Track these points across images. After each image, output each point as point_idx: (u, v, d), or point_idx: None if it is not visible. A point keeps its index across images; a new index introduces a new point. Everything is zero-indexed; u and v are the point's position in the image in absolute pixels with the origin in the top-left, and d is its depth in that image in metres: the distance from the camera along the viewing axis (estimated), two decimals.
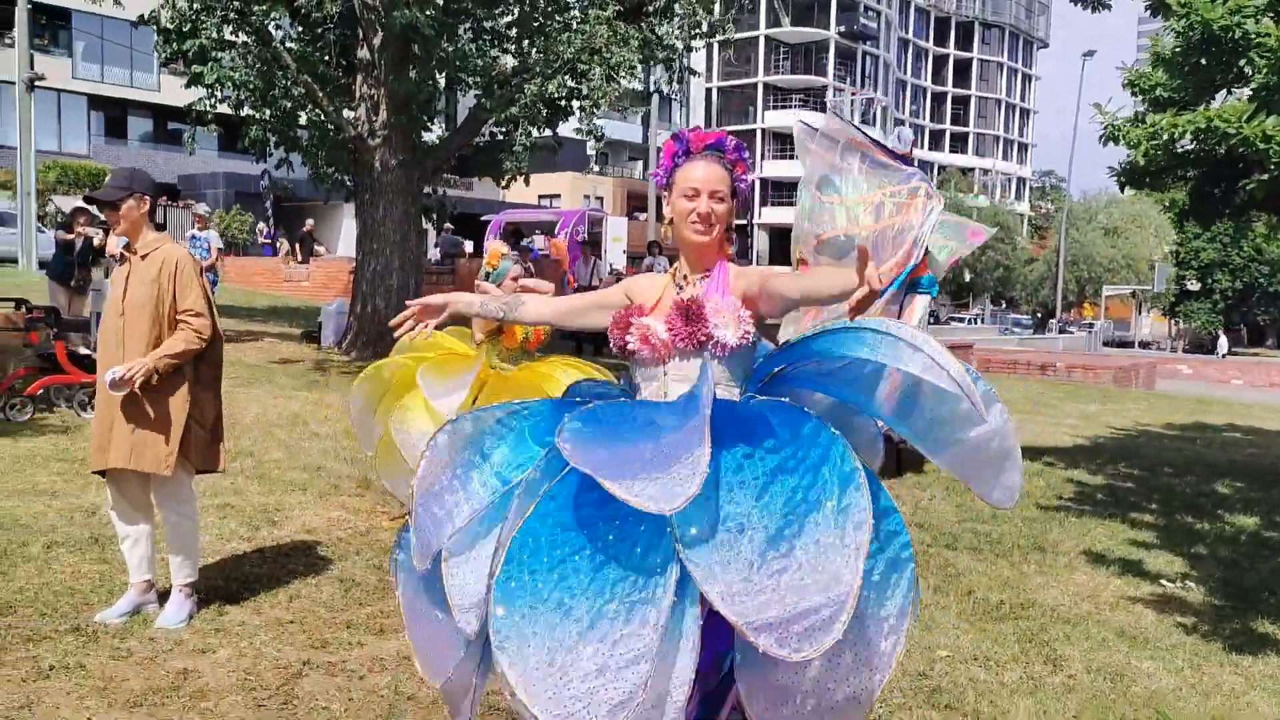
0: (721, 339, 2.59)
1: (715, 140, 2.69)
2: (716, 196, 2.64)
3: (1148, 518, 7.80)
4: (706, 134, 2.70)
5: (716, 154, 2.67)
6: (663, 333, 2.62)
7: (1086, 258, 55.83)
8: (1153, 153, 6.30)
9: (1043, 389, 17.65)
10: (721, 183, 2.65)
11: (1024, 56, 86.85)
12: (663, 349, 2.64)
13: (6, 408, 8.39)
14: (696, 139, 2.69)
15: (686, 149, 2.69)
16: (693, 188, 2.63)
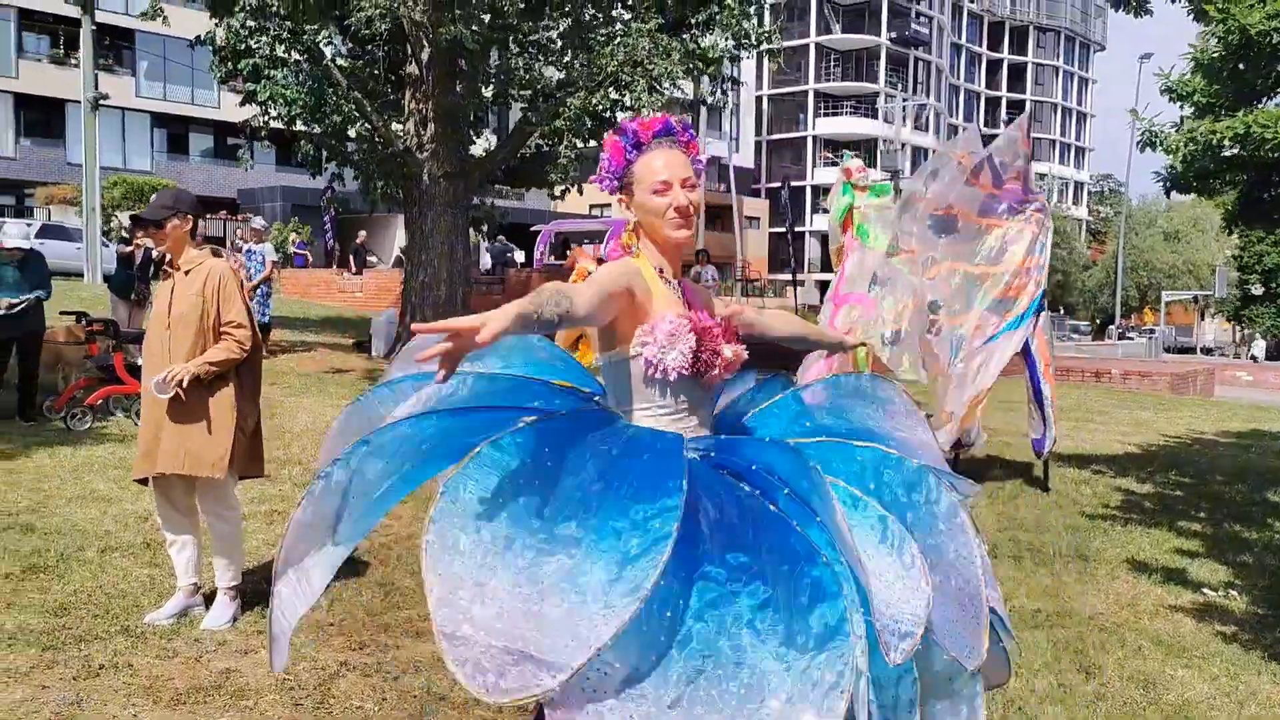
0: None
1: (662, 126, 2.43)
2: (689, 184, 2.38)
3: (1195, 526, 7.70)
4: (652, 121, 2.44)
5: (670, 139, 2.43)
6: (743, 354, 2.42)
7: (1146, 263, 54.93)
8: (1191, 158, 6.25)
9: (1096, 396, 17.41)
10: (688, 168, 2.40)
11: (1080, 60, 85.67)
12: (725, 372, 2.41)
13: (68, 417, 8.68)
14: (643, 129, 2.42)
15: (636, 142, 2.42)
16: (663, 180, 2.36)
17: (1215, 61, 6.44)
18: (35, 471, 7.21)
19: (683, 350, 2.28)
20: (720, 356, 2.34)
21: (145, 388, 4.46)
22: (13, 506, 6.27)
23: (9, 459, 7.54)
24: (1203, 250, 54.39)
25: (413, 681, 4.04)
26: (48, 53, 39.87)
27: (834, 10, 69.42)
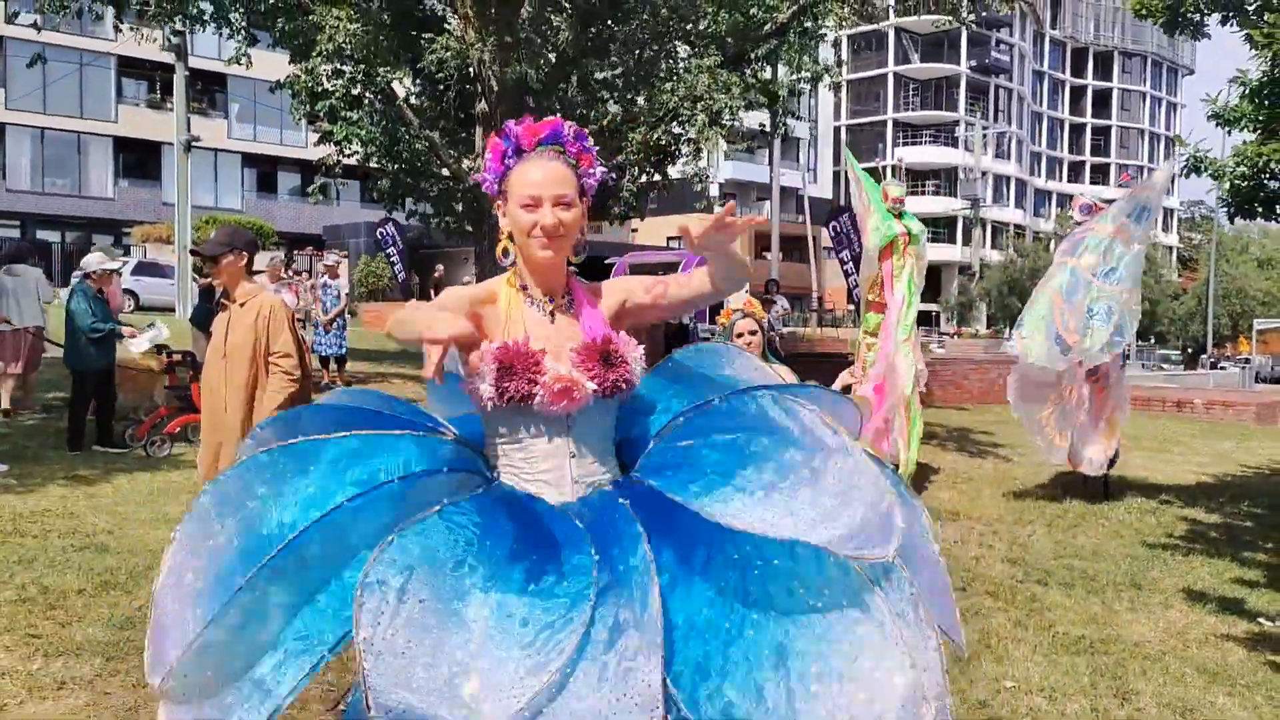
0: (635, 382, 2.23)
1: (550, 132, 2.21)
2: (563, 202, 2.17)
3: (1260, 556, 7.53)
4: (539, 125, 2.22)
5: (555, 149, 2.21)
6: (590, 385, 2.14)
7: (1239, 290, 53.30)
8: (1238, 183, 6.19)
9: (1176, 426, 16.99)
10: (566, 184, 2.18)
11: (1168, 85, 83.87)
12: (582, 401, 2.15)
13: (148, 445, 9.09)
14: (527, 133, 2.20)
15: (517, 147, 2.21)
16: (532, 195, 2.16)
17: (1261, 87, 6.39)
18: (114, 495, 7.59)
19: (488, 380, 2.11)
20: (536, 384, 2.10)
21: (206, 413, 4.73)
22: (91, 528, 6.62)
23: (91, 484, 7.93)
24: None
25: None
26: (145, 98, 41.70)
27: (912, 40, 69.15)
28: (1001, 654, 5.00)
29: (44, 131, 39.31)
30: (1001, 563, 6.86)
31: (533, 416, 2.16)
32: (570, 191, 2.19)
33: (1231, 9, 7.51)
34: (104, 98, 40.37)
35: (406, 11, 13.16)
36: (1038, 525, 8.17)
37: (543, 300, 2.26)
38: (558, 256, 2.21)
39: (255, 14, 13.21)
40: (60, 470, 8.34)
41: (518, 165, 2.21)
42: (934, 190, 68.54)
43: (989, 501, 9.01)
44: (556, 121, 2.25)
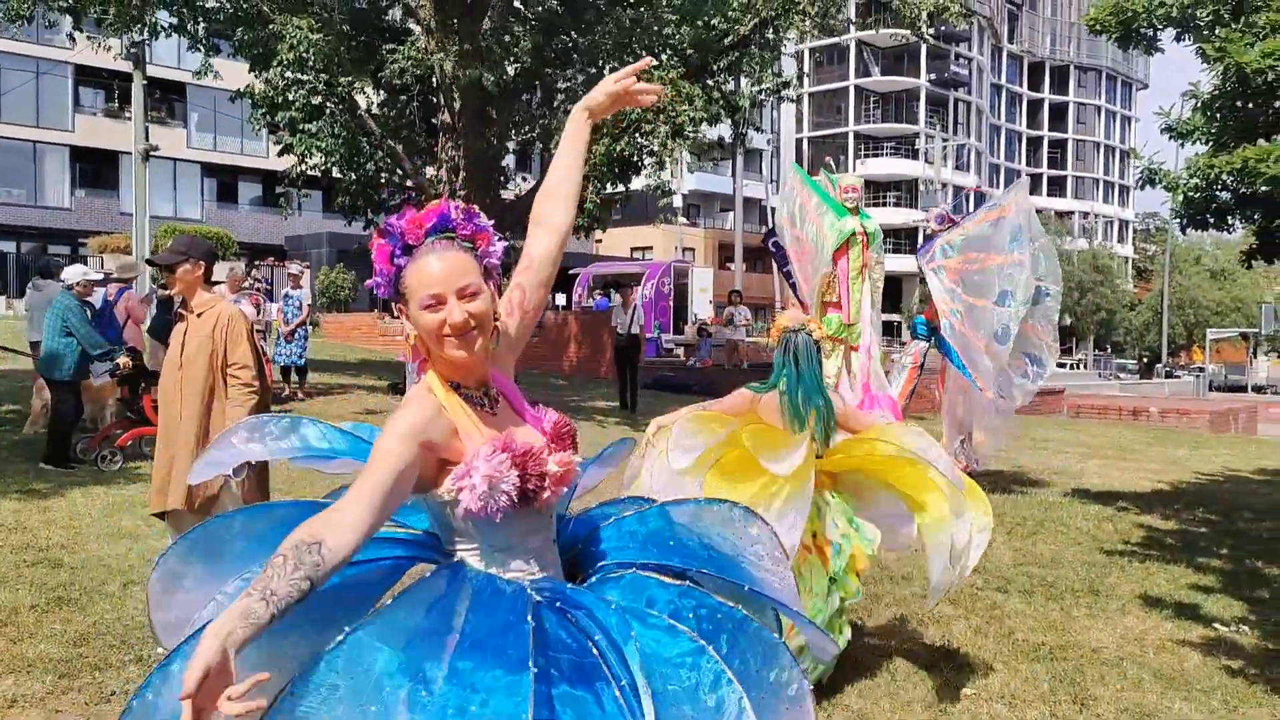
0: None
1: (438, 219, 2.01)
2: (468, 293, 1.98)
3: (1215, 562, 7.63)
4: (423, 215, 2.02)
5: (446, 236, 2.00)
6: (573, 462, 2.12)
7: (1192, 300, 54.20)
8: (1191, 196, 6.30)
9: (1132, 435, 17.24)
10: (468, 273, 1.99)
11: (1123, 98, 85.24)
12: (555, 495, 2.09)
13: (98, 458, 8.94)
14: (411, 226, 1.99)
15: (404, 244, 2.00)
16: (432, 294, 1.96)
17: (1213, 100, 6.51)
18: (68, 510, 7.46)
19: (507, 490, 1.96)
20: (547, 477, 2.02)
21: (161, 424, 4.67)
22: (45, 542, 6.51)
23: (45, 498, 7.80)
24: (1250, 287, 53.67)
25: None
26: (102, 107, 41.20)
27: (873, 53, 69.83)
28: (961, 661, 5.04)
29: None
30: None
31: (525, 515, 2.04)
32: (474, 279, 1.98)
33: (1183, 24, 7.66)
34: (60, 106, 39.84)
35: (368, 21, 13.11)
36: (997, 533, 8.20)
37: (478, 394, 2.08)
38: (477, 353, 2.01)
39: (215, 23, 13.09)
40: (14, 484, 8.19)
41: (410, 264, 1.99)
42: (895, 202, 69.12)
43: None
44: (441, 207, 2.03)
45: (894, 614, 5.77)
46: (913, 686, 4.63)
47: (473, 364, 2.04)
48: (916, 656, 5.05)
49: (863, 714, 4.26)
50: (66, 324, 8.70)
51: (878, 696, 4.47)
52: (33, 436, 9.89)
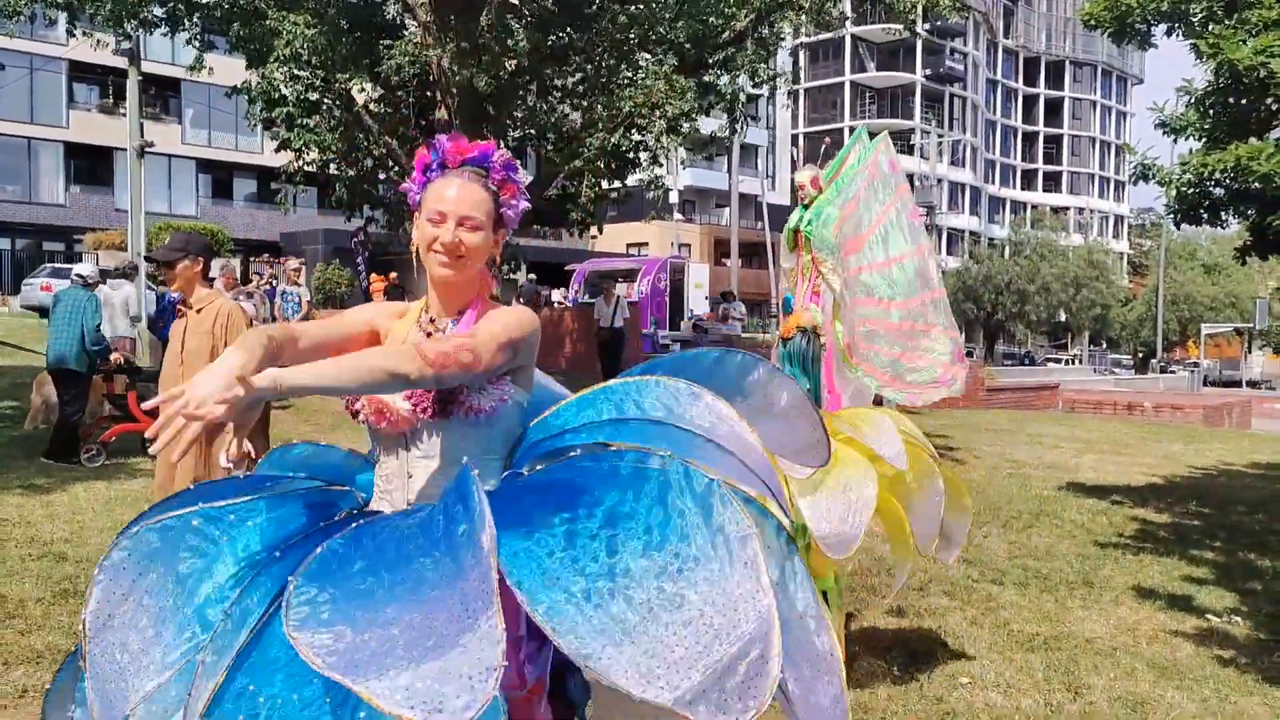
0: (473, 404, 2.12)
1: (478, 154, 2.17)
2: (469, 224, 2.12)
3: (1208, 554, 7.71)
4: (470, 145, 2.17)
5: (478, 172, 2.16)
6: (403, 405, 2.12)
7: (1186, 296, 54.31)
8: (1184, 191, 6.36)
9: (1127, 429, 17.31)
10: (478, 208, 2.13)
11: (1118, 94, 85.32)
12: (402, 423, 2.14)
13: (83, 455, 8.96)
14: (454, 151, 2.16)
15: (442, 162, 2.16)
16: (440, 210, 2.12)
17: (1206, 96, 6.57)
18: (71, 504, 7.50)
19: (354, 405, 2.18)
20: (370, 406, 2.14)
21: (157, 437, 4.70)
22: (49, 536, 6.55)
23: (48, 493, 7.84)
24: (1245, 283, 53.81)
25: None
26: (97, 102, 41.10)
27: (868, 49, 69.86)
28: (958, 651, 5.10)
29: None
30: (958, 562, 6.97)
31: (377, 434, 2.19)
32: (480, 216, 2.14)
33: (1177, 20, 7.71)
34: (55, 102, 39.74)
35: (365, 17, 13.10)
36: (993, 527, 8.31)
37: (444, 321, 2.23)
38: (456, 277, 2.16)
39: (211, 19, 13.09)
40: (16, 479, 8.23)
41: (438, 179, 2.16)
42: None
43: None
44: (489, 145, 2.19)
45: (890, 606, 5.83)
46: (909, 676, 4.69)
47: (449, 285, 2.19)
48: (913, 647, 5.11)
49: (860, 703, 4.32)
50: (82, 318, 8.74)
51: (874, 685, 4.53)
52: (33, 432, 9.92)
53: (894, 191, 6.36)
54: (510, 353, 2.11)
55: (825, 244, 6.32)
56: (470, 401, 2.11)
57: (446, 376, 1.97)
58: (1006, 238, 62.62)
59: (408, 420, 2.13)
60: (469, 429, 2.13)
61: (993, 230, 72.24)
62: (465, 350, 2.01)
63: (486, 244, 2.16)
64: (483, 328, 2.11)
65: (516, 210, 2.21)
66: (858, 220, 6.30)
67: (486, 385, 2.11)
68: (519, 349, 2.14)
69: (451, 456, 2.13)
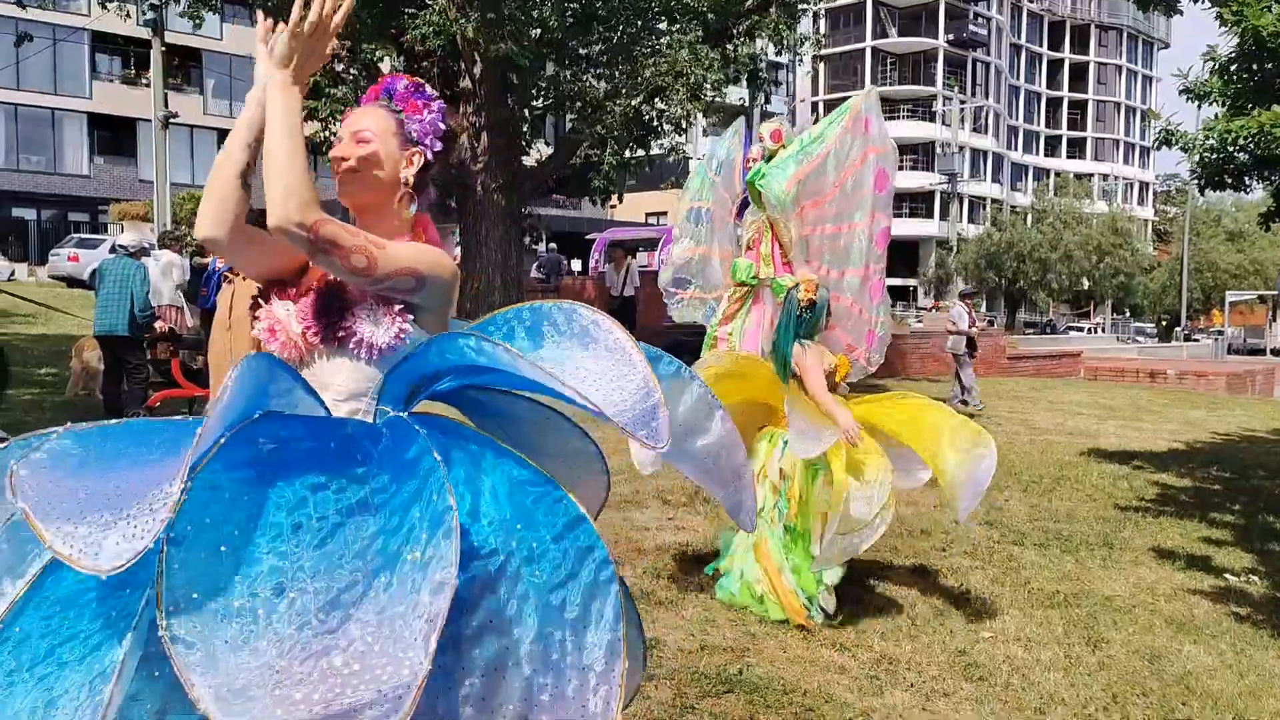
0: (367, 338, 2.04)
1: (382, 89, 2.23)
2: (359, 138, 2.11)
3: (1228, 518, 7.81)
4: (378, 83, 2.26)
5: (382, 101, 2.20)
6: (295, 327, 2.08)
7: (1210, 264, 53.89)
8: (1207, 156, 6.41)
9: (1150, 396, 17.36)
10: (373, 123, 2.13)
11: (1144, 58, 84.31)
12: (293, 349, 2.08)
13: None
14: (371, 91, 2.25)
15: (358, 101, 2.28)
16: (339, 135, 2.16)
17: (1230, 62, 6.59)
18: None
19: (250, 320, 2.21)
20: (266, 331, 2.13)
21: (214, 385, 4.89)
22: None
23: None
24: (1269, 250, 53.34)
25: None
26: (119, 73, 41.34)
27: (890, 14, 69.26)
28: (979, 608, 5.24)
29: (17, 108, 38.97)
30: (979, 525, 7.10)
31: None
32: (374, 128, 2.13)
33: None
34: (78, 73, 40.01)
35: None
36: (1014, 491, 8.42)
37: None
38: (353, 195, 2.14)
39: None
40: None
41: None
42: (911, 165, 68.78)
43: None
44: (391, 80, 2.22)
45: (913, 565, 5.97)
46: (932, 630, 4.83)
47: (356, 208, 2.17)
48: (936, 604, 5.25)
49: (885, 654, 4.47)
50: (131, 287, 8.91)
51: (899, 639, 4.68)
52: (74, 399, 10.15)
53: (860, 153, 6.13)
54: (411, 282, 2.04)
55: (776, 198, 6.14)
56: (363, 334, 2.04)
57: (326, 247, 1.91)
58: (1029, 205, 62.23)
59: (298, 346, 2.08)
60: (363, 365, 2.06)
61: (1015, 198, 71.78)
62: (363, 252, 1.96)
63: (382, 158, 2.12)
64: (394, 244, 2.06)
65: (425, 125, 2.17)
66: (821, 178, 6.14)
67: (383, 317, 2.04)
68: (424, 283, 2.07)
69: (337, 393, 2.06)
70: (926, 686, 4.17)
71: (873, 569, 5.76)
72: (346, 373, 2.06)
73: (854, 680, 4.18)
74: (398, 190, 2.16)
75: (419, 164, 2.17)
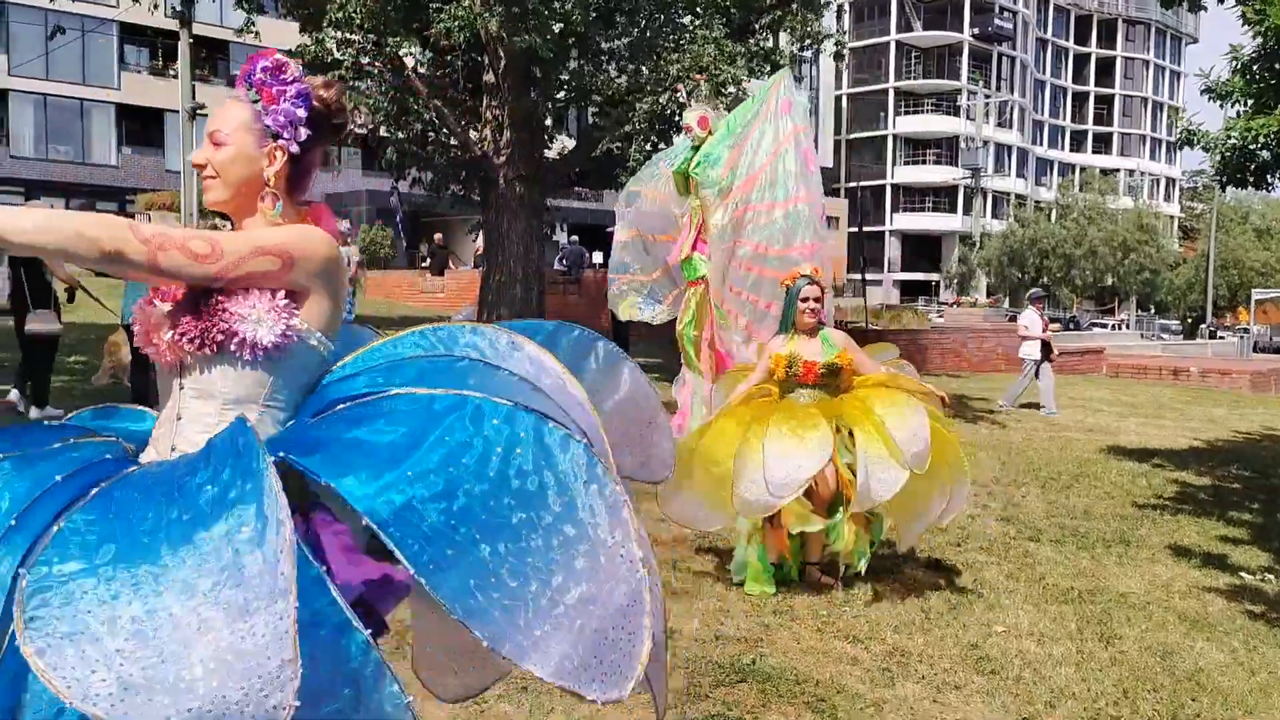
0: (249, 337, 1.87)
1: (244, 73, 2.01)
2: (214, 139, 1.97)
3: (1246, 516, 7.82)
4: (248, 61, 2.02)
5: (246, 85, 2.00)
6: (166, 333, 1.92)
7: (1236, 261, 53.41)
8: (1229, 156, 6.41)
9: (1172, 393, 17.28)
10: (229, 122, 1.97)
11: (1172, 53, 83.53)
12: (169, 353, 1.93)
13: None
14: (241, 72, 2.03)
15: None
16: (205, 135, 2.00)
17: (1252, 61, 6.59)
18: None
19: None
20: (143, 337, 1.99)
21: None
22: None
23: None
24: None
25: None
26: (147, 64, 41.66)
27: (915, 7, 68.89)
28: (993, 602, 5.28)
29: (47, 98, 39.33)
30: (996, 521, 7.14)
31: (160, 373, 2.00)
32: (229, 129, 1.97)
33: None
34: (107, 64, 40.33)
35: None
36: (1031, 487, 8.45)
37: None
38: (220, 202, 1.99)
39: None
40: None
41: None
42: (935, 160, 68.52)
43: (985, 465, 9.28)
44: (260, 54, 2.01)
45: (928, 559, 6.02)
46: (945, 624, 4.88)
47: (227, 212, 2.01)
48: (950, 598, 5.30)
49: (897, 646, 4.53)
50: None
51: (912, 632, 4.74)
52: (103, 387, 10.31)
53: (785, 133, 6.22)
54: (275, 262, 1.87)
55: (712, 184, 6.26)
56: (244, 333, 1.87)
57: (167, 262, 1.78)
58: (1054, 200, 61.83)
59: (172, 351, 1.92)
60: (247, 368, 1.90)
61: (1040, 193, 71.33)
62: (199, 239, 1.82)
63: (242, 159, 1.96)
64: (245, 230, 1.94)
65: (282, 116, 1.97)
66: (750, 161, 6.24)
67: (265, 314, 1.87)
68: (292, 263, 1.89)
69: (224, 399, 1.91)
70: (938, 679, 4.22)
71: (888, 562, 5.81)
72: (231, 378, 1.90)
73: (866, 672, 4.24)
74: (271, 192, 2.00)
75: (281, 161, 1.98)
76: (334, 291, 1.98)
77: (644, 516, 6.24)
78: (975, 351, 19.87)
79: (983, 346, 20.09)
